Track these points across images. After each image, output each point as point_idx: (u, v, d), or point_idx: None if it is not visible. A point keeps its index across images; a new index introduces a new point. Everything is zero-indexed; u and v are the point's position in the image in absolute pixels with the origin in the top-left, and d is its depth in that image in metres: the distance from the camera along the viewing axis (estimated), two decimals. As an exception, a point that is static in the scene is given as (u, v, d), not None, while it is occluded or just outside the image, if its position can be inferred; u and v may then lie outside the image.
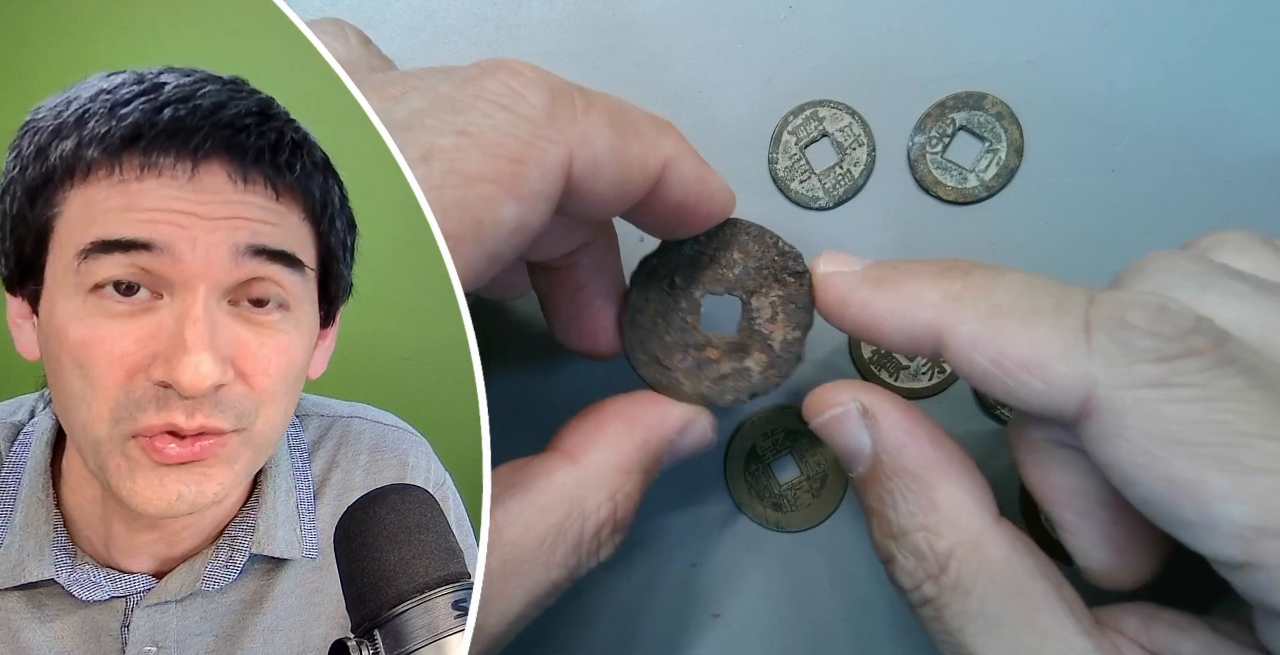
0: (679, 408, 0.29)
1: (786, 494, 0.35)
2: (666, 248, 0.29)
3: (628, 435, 0.27)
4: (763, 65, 0.35)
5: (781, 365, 0.29)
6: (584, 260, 0.29)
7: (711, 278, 0.29)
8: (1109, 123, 0.34)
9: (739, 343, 0.29)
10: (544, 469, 0.26)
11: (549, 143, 0.22)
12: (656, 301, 0.29)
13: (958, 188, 0.34)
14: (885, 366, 0.35)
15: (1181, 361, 0.21)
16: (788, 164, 0.35)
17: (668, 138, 0.25)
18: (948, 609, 0.25)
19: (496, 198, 0.21)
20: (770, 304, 0.29)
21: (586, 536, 0.26)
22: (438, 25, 0.36)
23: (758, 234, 0.29)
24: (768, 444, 0.35)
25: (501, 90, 0.22)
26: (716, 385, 0.29)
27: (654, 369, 0.29)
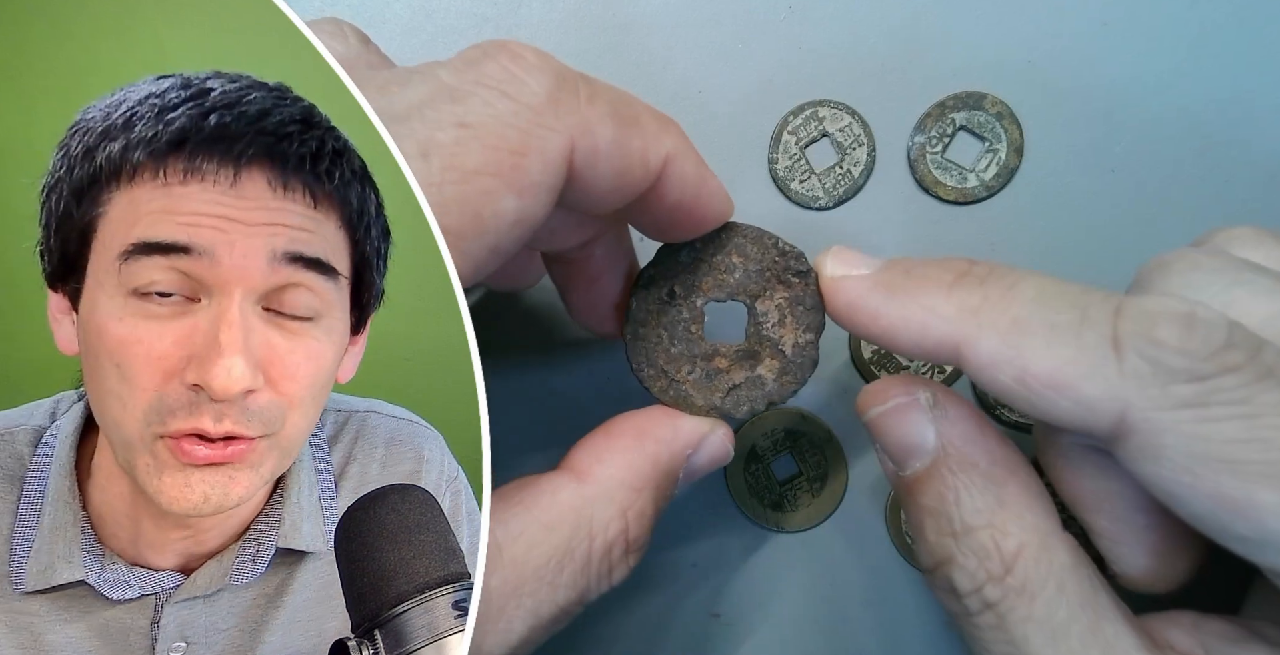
0: (691, 421, 0.28)
1: (786, 494, 0.35)
2: (662, 257, 0.28)
3: (638, 450, 0.26)
4: (763, 65, 0.35)
5: (796, 370, 0.28)
6: (598, 251, 0.29)
7: (712, 284, 0.28)
8: (1109, 123, 0.34)
9: (748, 350, 0.28)
10: (550, 486, 0.26)
11: (550, 131, 0.22)
12: (657, 313, 0.28)
13: (958, 188, 0.34)
14: (885, 366, 0.35)
15: (1218, 379, 0.21)
16: (788, 164, 0.35)
17: (670, 135, 0.24)
18: (1012, 614, 0.24)
19: (496, 191, 0.21)
20: (777, 307, 0.28)
21: (596, 556, 0.25)
22: (438, 25, 0.36)
23: (755, 236, 0.28)
24: (768, 444, 0.35)
25: (502, 75, 0.22)
26: (729, 396, 0.28)
27: (662, 382, 0.28)
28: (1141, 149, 0.34)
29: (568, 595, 0.24)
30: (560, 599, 0.24)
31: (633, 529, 0.26)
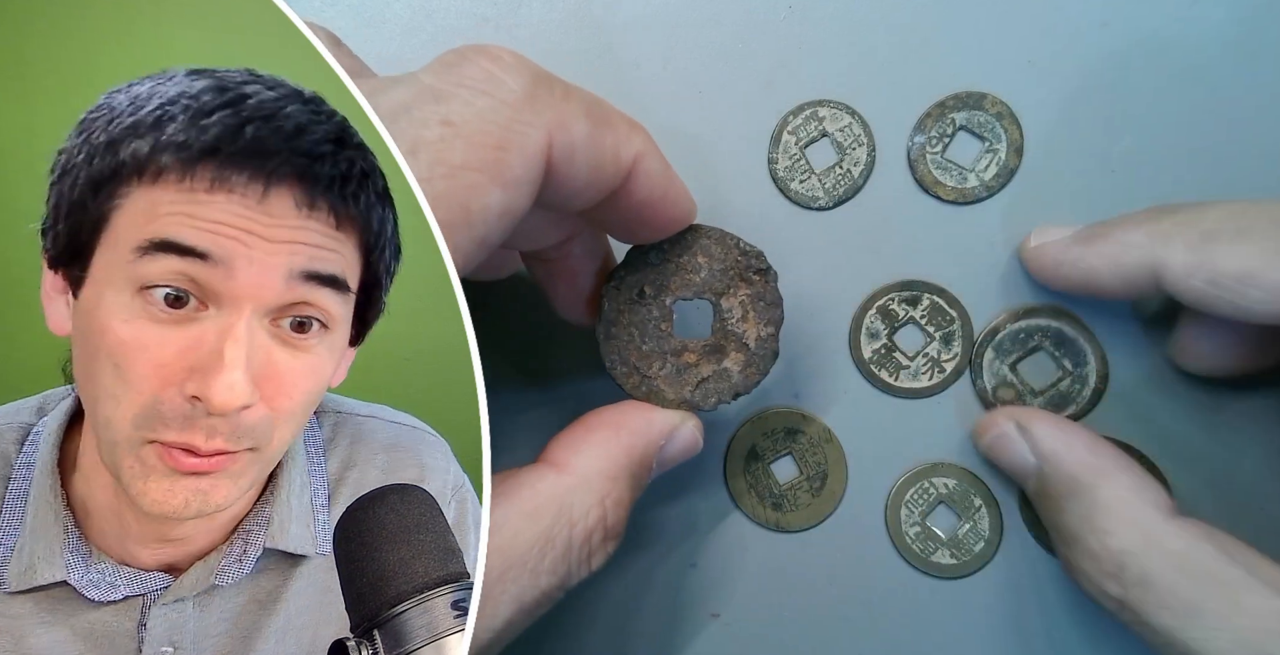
0: (664, 414, 0.29)
1: (786, 494, 0.35)
2: (632, 259, 0.30)
3: (615, 441, 0.28)
4: (763, 65, 0.35)
5: (759, 362, 0.29)
6: (576, 250, 0.30)
7: (679, 284, 0.29)
8: (1109, 123, 0.34)
9: (715, 345, 0.30)
10: (530, 477, 0.27)
11: (529, 127, 0.23)
12: (629, 312, 0.30)
13: (958, 188, 0.34)
14: (885, 366, 0.35)
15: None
16: (788, 164, 0.35)
17: (639, 135, 0.26)
18: (1143, 605, 0.26)
19: (482, 186, 0.22)
20: (740, 304, 0.29)
21: (576, 543, 0.26)
22: (438, 25, 0.36)
23: (719, 237, 0.29)
24: (768, 444, 0.35)
25: (481, 76, 0.23)
26: (699, 389, 0.29)
27: (635, 379, 0.30)
28: (1141, 149, 0.34)
29: (550, 581, 0.25)
30: (543, 584, 0.25)
31: (610, 516, 0.27)
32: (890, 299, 0.35)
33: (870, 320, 0.35)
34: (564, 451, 0.27)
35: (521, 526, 0.25)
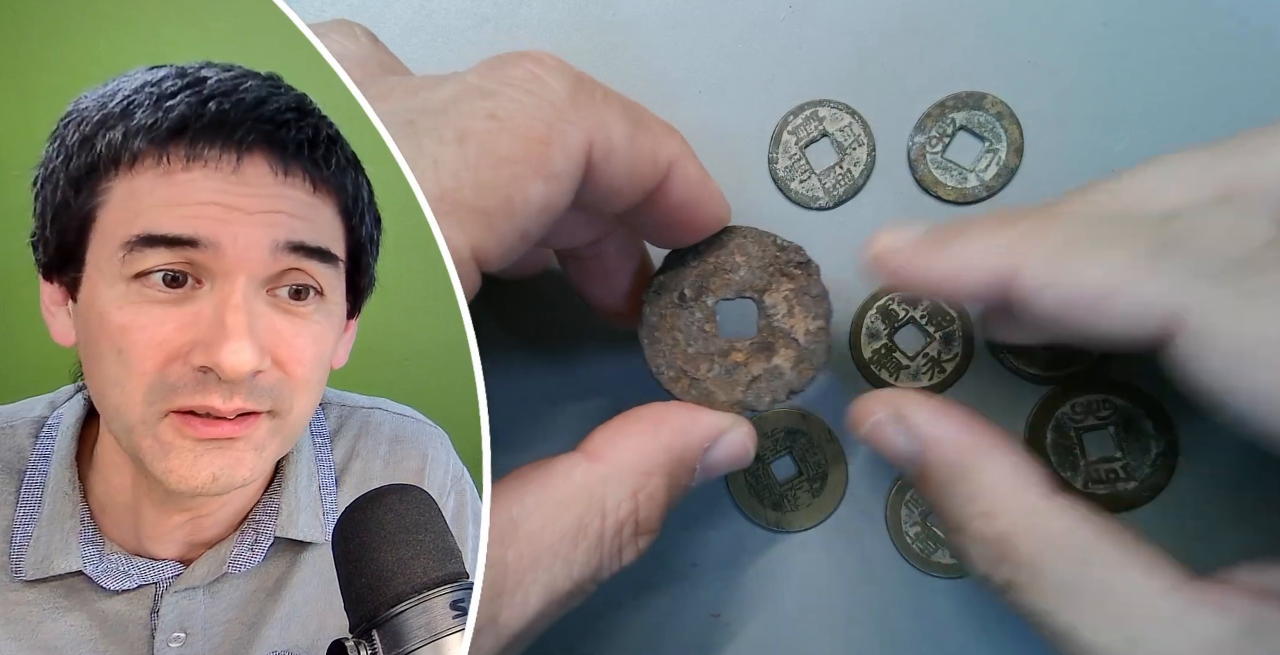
0: (711, 415, 0.28)
1: (786, 494, 0.35)
2: (670, 263, 0.30)
3: (652, 436, 0.27)
4: (763, 65, 0.35)
5: (812, 357, 0.29)
6: (610, 248, 0.30)
7: (719, 284, 0.29)
8: (1109, 123, 0.34)
9: (763, 342, 0.29)
10: (564, 466, 0.26)
11: (570, 126, 0.23)
12: (671, 317, 0.29)
13: (958, 188, 0.34)
14: (885, 366, 0.35)
15: (1265, 277, 0.21)
16: (788, 164, 0.35)
17: (675, 138, 0.26)
18: (1029, 589, 0.25)
19: (526, 177, 0.23)
20: (784, 299, 0.29)
21: (608, 535, 0.26)
22: (438, 25, 0.36)
23: (754, 235, 0.29)
24: (768, 444, 0.35)
25: (526, 77, 0.24)
26: (750, 388, 0.29)
27: (684, 382, 0.29)
28: (1141, 149, 0.34)
29: (582, 571, 0.25)
30: (575, 574, 0.25)
31: (643, 510, 0.26)
32: (890, 299, 0.35)
33: (870, 320, 0.35)
34: (601, 443, 0.27)
35: (553, 514, 0.25)
